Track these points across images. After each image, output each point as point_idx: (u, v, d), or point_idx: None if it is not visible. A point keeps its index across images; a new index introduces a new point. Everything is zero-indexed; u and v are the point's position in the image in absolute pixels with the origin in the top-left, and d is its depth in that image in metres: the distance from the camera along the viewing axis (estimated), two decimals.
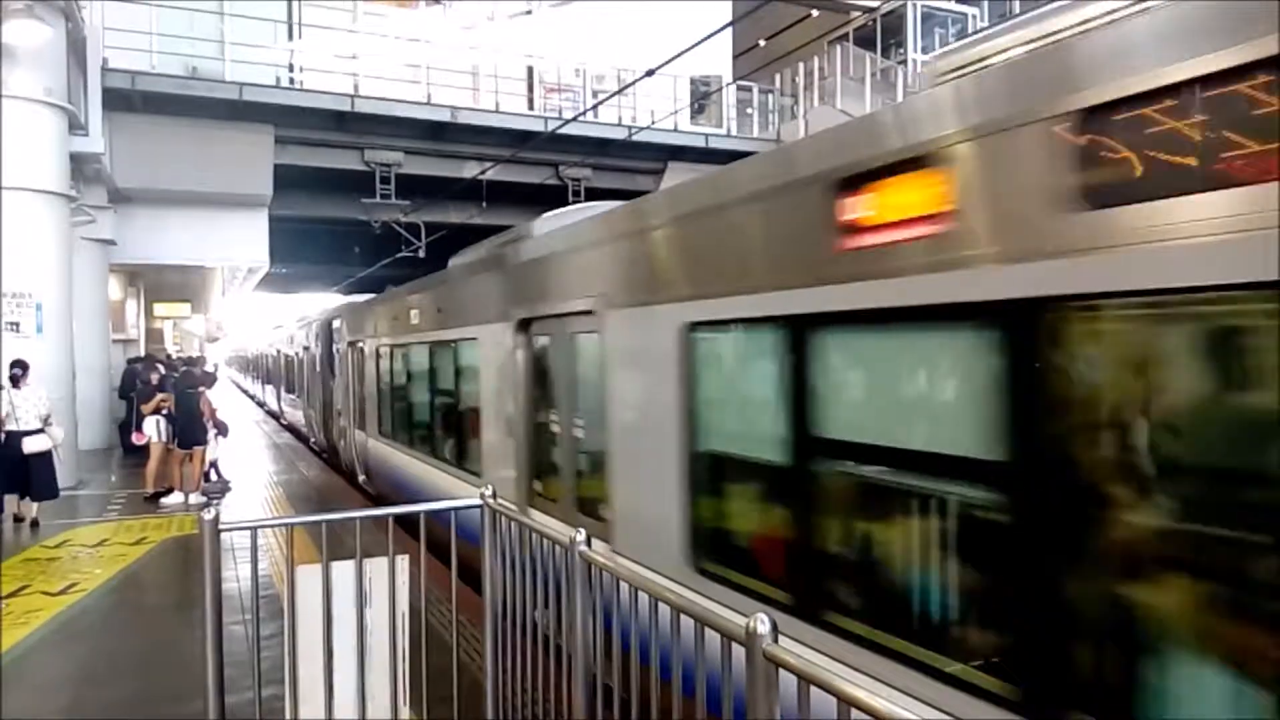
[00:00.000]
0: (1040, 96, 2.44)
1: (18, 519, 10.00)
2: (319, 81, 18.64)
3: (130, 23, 16.40)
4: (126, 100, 16.03)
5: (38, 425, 9.87)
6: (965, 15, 26.49)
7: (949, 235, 2.74)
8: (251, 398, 37.46)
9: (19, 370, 9.94)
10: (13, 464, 9.68)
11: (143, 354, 20.92)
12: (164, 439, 11.73)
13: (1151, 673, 2.25)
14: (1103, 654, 2.36)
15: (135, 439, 12.62)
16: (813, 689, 1.83)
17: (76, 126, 13.93)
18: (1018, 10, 30.18)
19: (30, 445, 9.73)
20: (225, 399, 22.13)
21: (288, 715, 3.45)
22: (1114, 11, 2.76)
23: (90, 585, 7.39)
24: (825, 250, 3.25)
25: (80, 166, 14.53)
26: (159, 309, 27.63)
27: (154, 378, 12.41)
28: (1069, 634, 2.39)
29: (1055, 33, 3.01)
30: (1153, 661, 2.25)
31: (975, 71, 3.27)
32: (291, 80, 18.81)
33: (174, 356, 22.37)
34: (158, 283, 25.54)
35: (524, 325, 6.46)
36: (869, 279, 3.05)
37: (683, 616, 2.46)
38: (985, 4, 27.13)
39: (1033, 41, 3.16)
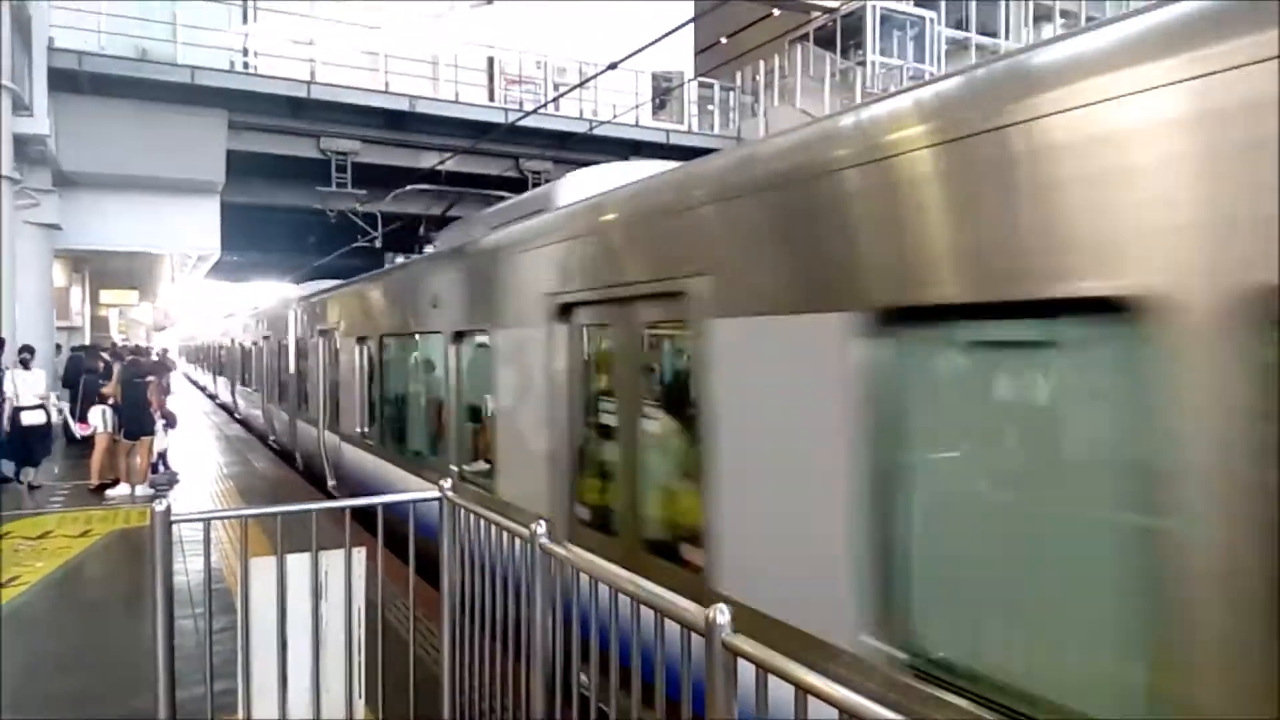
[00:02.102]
0: None
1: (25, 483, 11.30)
2: (274, 67, 18.28)
3: (77, 1, 15.93)
4: (73, 81, 15.54)
5: (37, 402, 11.38)
6: (923, 19, 26.86)
7: None
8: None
9: (28, 354, 11.60)
10: (13, 436, 11.16)
11: (88, 342, 20.37)
12: (110, 429, 11.45)
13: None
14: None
15: (79, 430, 12.32)
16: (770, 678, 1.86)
17: (20, 107, 13.51)
18: (974, 15, 30.73)
19: (28, 419, 11.22)
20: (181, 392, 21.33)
21: (240, 710, 3.40)
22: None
23: (32, 578, 7.20)
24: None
25: (23, 148, 14.09)
26: (105, 296, 26.89)
27: (100, 365, 12.20)
28: None
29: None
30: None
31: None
32: (246, 65, 18.42)
33: (120, 345, 21.80)
34: (104, 269, 24.87)
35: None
36: None
37: (642, 607, 2.48)
38: (942, 7, 27.52)
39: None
